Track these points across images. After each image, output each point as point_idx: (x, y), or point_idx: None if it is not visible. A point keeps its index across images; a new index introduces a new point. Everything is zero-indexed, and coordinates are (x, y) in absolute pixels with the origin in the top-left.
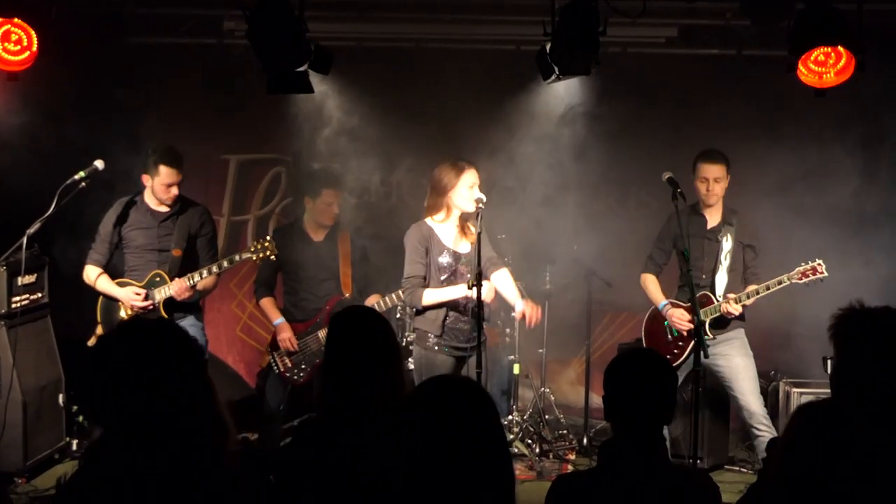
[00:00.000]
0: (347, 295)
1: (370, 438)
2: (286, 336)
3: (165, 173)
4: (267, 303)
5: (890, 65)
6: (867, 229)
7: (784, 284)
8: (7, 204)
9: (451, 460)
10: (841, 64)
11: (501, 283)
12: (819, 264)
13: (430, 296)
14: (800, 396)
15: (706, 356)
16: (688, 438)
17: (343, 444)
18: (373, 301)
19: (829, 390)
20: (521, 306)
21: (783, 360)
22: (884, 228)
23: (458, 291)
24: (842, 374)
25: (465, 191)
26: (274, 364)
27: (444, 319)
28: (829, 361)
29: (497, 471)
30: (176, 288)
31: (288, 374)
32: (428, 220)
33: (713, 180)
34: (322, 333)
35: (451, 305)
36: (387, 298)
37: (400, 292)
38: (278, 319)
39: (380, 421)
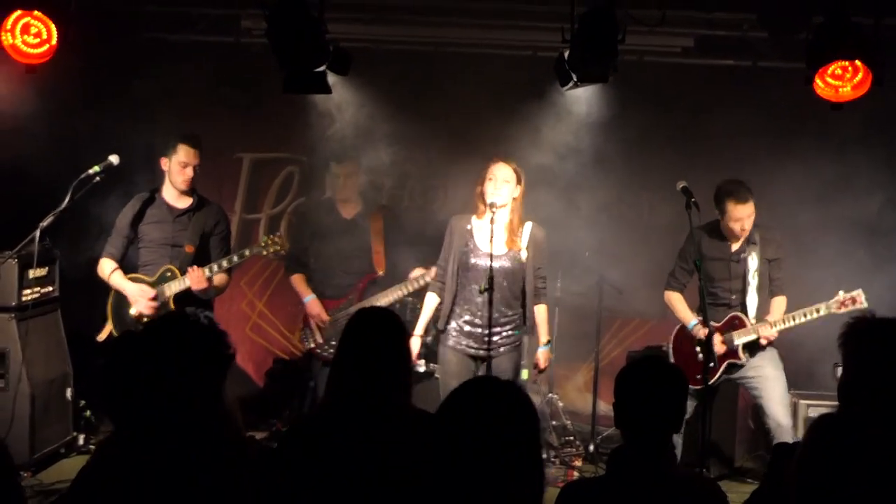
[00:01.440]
0: (381, 273)
1: (389, 429)
2: (316, 312)
3: (183, 151)
4: (298, 279)
5: None
6: (880, 242)
7: (822, 314)
8: (20, 196)
9: (487, 460)
10: (858, 78)
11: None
12: (858, 294)
13: (426, 301)
14: (807, 408)
15: (715, 362)
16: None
17: (361, 432)
18: (417, 273)
19: (836, 402)
20: (540, 351)
21: (791, 371)
22: None
23: (420, 323)
24: (853, 382)
25: (487, 183)
26: (306, 338)
27: (449, 316)
28: (838, 368)
29: (529, 476)
30: (194, 276)
31: (319, 350)
32: (473, 216)
33: (747, 217)
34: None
35: (460, 305)
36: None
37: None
38: (308, 297)
39: (399, 413)
